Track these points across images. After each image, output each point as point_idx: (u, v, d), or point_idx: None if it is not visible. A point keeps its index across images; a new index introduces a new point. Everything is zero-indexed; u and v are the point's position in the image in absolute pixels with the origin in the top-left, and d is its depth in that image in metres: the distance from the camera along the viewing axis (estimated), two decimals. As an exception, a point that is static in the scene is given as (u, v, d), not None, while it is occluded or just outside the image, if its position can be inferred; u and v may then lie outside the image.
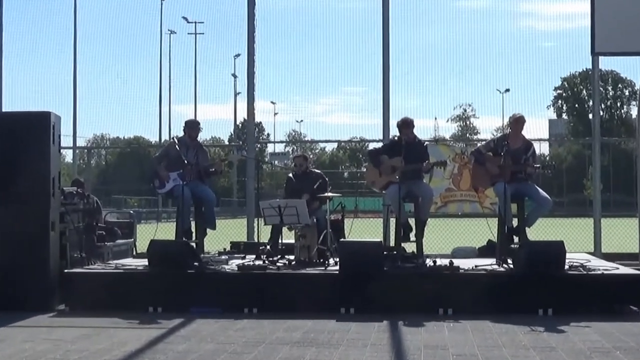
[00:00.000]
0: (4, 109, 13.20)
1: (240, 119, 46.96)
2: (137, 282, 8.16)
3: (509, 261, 8.33)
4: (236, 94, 34.46)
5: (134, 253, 11.51)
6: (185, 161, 9.21)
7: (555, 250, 7.89)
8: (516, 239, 8.79)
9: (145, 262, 8.57)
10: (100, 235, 10.45)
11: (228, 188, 50.67)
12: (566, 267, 7.95)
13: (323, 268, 8.37)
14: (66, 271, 8.45)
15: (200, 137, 9.95)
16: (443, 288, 7.76)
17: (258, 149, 14.60)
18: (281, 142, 65.39)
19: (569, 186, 47.62)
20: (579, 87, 66.09)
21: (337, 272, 8.06)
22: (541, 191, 8.91)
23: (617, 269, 8.32)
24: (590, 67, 12.55)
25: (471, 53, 14.70)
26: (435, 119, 23.80)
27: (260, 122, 46.30)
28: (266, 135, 57.05)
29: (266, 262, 8.62)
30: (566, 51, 15.16)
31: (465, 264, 8.32)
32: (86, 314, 7.60)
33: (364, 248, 8.10)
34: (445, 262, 8.30)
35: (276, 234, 9.41)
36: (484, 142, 9.79)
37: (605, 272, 7.96)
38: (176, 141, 9.55)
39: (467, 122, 59.42)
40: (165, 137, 27.72)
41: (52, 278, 8.12)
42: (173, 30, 24.82)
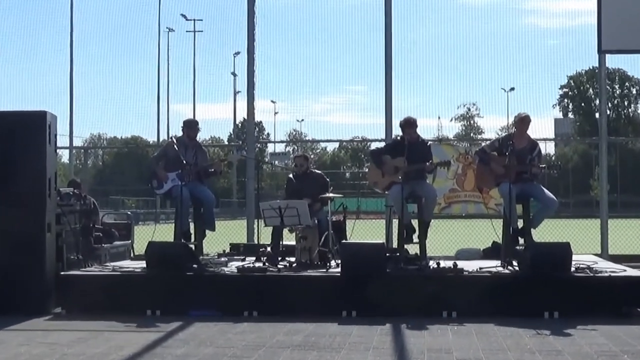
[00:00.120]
0: (-2, 108, 13.21)
1: (240, 118, 47.00)
2: (135, 284, 8.17)
3: (514, 263, 8.32)
4: (236, 92, 34.41)
5: (132, 255, 11.52)
6: (184, 161, 9.21)
7: (562, 252, 7.89)
8: (521, 241, 8.80)
9: (143, 264, 8.58)
10: (97, 236, 10.46)
11: (227, 189, 50.71)
12: (572, 269, 7.95)
13: (324, 270, 8.37)
14: (62, 273, 8.46)
15: (199, 136, 9.99)
16: (447, 290, 7.76)
17: (258, 149, 14.60)
18: (282, 141, 65.11)
19: (575, 187, 47.63)
20: (585, 86, 66.04)
21: (338, 274, 8.06)
22: (547, 192, 8.91)
23: (625, 271, 8.31)
24: (596, 65, 12.54)
25: (475, 51, 14.71)
26: (438, 118, 23.78)
27: (260, 122, 46.37)
28: (266, 134, 57.12)
29: (266, 264, 8.61)
30: (572, 49, 15.23)
31: (469, 265, 8.32)
32: (83, 317, 7.60)
33: (366, 250, 8.11)
34: (449, 264, 8.31)
35: (277, 236, 9.41)
36: (488, 141, 9.79)
37: (612, 274, 7.96)
38: (175, 141, 9.56)
39: (471, 122, 59.46)
40: (163, 137, 27.71)
41: (48, 280, 8.13)
42: (171, 28, 24.77)
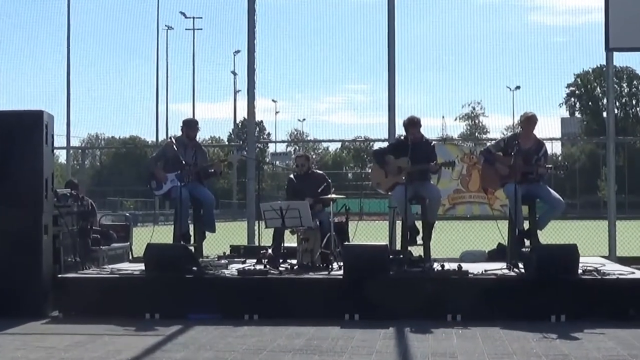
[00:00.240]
0: (-5, 108, 13.23)
1: (240, 117, 47.14)
2: (134, 287, 8.17)
3: (520, 265, 8.32)
4: (236, 91, 34.48)
5: (130, 257, 11.50)
6: (183, 162, 9.22)
7: (568, 254, 7.88)
8: (527, 243, 8.80)
9: (141, 266, 8.58)
10: (95, 238, 10.45)
11: (228, 189, 50.79)
12: (579, 271, 7.93)
13: (326, 273, 8.37)
14: (60, 276, 8.46)
15: (199, 136, 10.01)
16: (451, 293, 7.76)
17: (259, 149, 14.60)
18: (283, 141, 64.81)
19: (582, 187, 47.67)
20: (592, 84, 66.05)
21: (341, 276, 8.06)
22: (553, 192, 8.92)
23: (633, 273, 8.30)
24: (604, 63, 12.52)
25: (480, 49, 14.67)
26: (442, 117, 23.64)
27: (261, 121, 46.44)
28: (267, 134, 57.16)
29: (267, 266, 8.62)
30: (579, 46, 15.13)
31: (474, 268, 8.32)
32: (80, 320, 7.60)
33: (369, 252, 8.11)
34: (454, 266, 8.31)
35: (278, 237, 9.42)
36: (493, 141, 9.79)
37: (620, 276, 7.95)
38: (174, 141, 9.57)
39: (476, 121, 59.43)
40: (162, 137, 27.71)
41: (45, 283, 8.13)
42: (170, 26, 24.76)
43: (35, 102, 15.66)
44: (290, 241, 9.45)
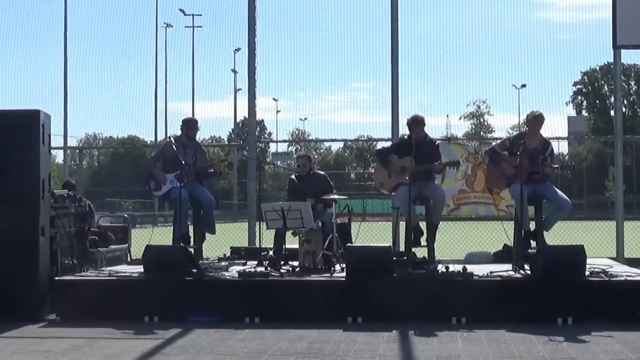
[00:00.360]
0: (-10, 108, 13.23)
1: (241, 117, 47.11)
2: (132, 289, 8.17)
3: (526, 267, 8.32)
4: (236, 90, 34.45)
5: (129, 259, 11.52)
6: (183, 162, 9.23)
7: (575, 255, 7.88)
8: (533, 244, 8.79)
9: (140, 268, 8.59)
10: (92, 240, 10.47)
11: (228, 190, 50.80)
12: (587, 273, 7.94)
13: (329, 275, 8.37)
14: (57, 278, 8.47)
15: (199, 136, 10.01)
16: (456, 295, 7.76)
17: (259, 149, 14.60)
18: (284, 141, 64.83)
19: (590, 187, 47.62)
20: (599, 82, 66.03)
21: (343, 278, 8.07)
22: (560, 193, 8.91)
23: (641, 275, 8.30)
24: (611, 60, 12.51)
25: (485, 46, 14.66)
26: (447, 116, 23.65)
27: (261, 120, 46.44)
28: (268, 134, 57.14)
29: (269, 268, 8.62)
30: (586, 44, 15.14)
31: (479, 270, 8.32)
32: (78, 323, 7.61)
33: (372, 253, 8.11)
34: (459, 267, 8.30)
35: (279, 239, 9.42)
36: (499, 140, 9.78)
37: (628, 278, 7.95)
38: (173, 141, 9.57)
39: (481, 120, 59.52)
40: (161, 137, 27.71)
41: (41, 286, 8.14)
42: (169, 24, 24.88)
43: (32, 102, 15.67)
44: (292, 242, 9.45)
